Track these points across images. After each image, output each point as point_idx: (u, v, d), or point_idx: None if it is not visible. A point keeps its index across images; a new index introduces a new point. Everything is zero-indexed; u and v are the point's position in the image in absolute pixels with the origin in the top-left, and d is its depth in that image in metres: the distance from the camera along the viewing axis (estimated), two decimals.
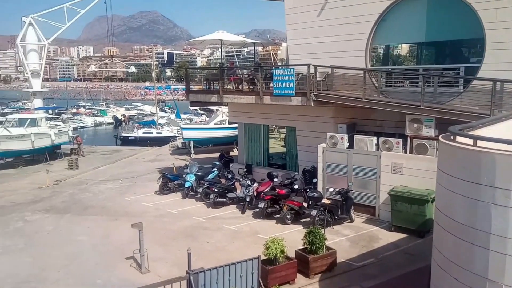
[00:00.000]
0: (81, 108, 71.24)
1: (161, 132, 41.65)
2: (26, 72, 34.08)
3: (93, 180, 21.59)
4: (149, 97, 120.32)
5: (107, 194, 18.66)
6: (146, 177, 21.65)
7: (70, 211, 16.02)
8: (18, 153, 26.76)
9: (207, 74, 20.49)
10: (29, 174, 24.02)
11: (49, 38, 36.97)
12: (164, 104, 72.98)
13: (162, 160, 27.56)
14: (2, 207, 16.97)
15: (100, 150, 33.01)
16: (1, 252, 12.02)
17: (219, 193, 15.97)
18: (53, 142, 28.40)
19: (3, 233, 13.65)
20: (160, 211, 15.74)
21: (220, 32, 19.36)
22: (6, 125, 27.46)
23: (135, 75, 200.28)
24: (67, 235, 13.38)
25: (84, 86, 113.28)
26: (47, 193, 19.11)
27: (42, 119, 28.95)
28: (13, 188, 20.69)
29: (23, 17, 34.24)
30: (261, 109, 17.97)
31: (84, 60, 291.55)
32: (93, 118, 62.19)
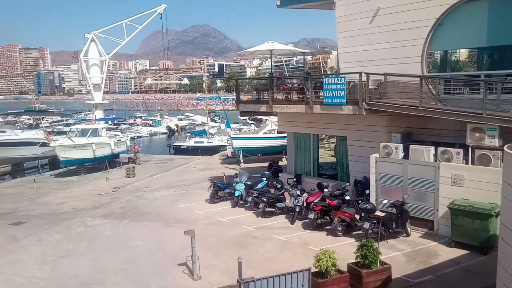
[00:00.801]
0: (137, 119, 74.73)
1: (211, 141, 42.62)
2: (88, 85, 36.43)
3: (148, 187, 22.48)
4: (200, 108, 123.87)
5: (161, 201, 19.34)
6: (197, 186, 22.19)
7: (127, 217, 16.77)
8: (81, 161, 28.56)
9: (256, 84, 20.72)
10: (90, 181, 25.50)
11: (110, 53, 39.33)
12: (214, 114, 74.69)
13: (213, 169, 28.14)
14: (65, 212, 18.13)
15: (155, 159, 34.38)
16: (65, 254, 12.80)
17: (268, 202, 15.97)
18: (113, 151, 30.04)
19: (66, 237, 14.54)
20: (210, 219, 16.03)
21: (270, 42, 19.53)
22: (70, 135, 29.47)
23: (187, 87, 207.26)
24: (124, 240, 14.00)
25: (140, 98, 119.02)
26: (107, 200, 20.17)
27: (102, 129, 30.73)
28: (76, 194, 22.06)
29: (86, 33, 36.73)
30: (311, 118, 17.81)
31: (140, 73, 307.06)
32: (148, 128, 64.96)
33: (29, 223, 16.40)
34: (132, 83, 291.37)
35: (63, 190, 23.23)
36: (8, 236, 14.71)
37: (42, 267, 11.78)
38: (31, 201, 20.71)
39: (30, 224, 16.31)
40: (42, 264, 12.03)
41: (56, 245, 13.69)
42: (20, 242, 14.06)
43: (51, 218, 17.07)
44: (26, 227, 15.92)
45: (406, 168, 13.44)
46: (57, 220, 16.63)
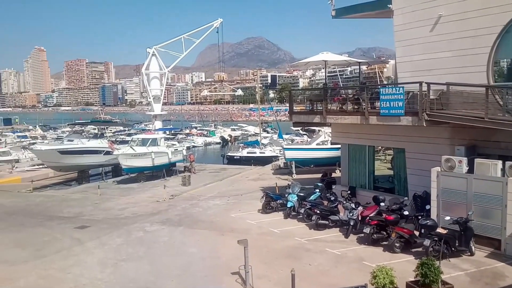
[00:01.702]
0: (193, 129, 77.16)
1: (264, 152, 42.89)
2: (149, 97, 38.39)
3: (203, 196, 23.07)
4: (253, 118, 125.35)
5: (215, 210, 19.74)
6: (250, 195, 22.39)
7: (183, 224, 17.29)
8: (141, 169, 30.00)
9: (310, 95, 20.63)
10: (149, 189, 26.67)
11: (169, 66, 41.26)
12: (267, 125, 75.20)
13: (265, 179, 28.27)
14: (126, 218, 19.08)
15: (209, 168, 35.24)
16: (125, 258, 13.44)
17: (321, 215, 15.72)
18: (170, 160, 31.29)
19: (126, 241, 15.27)
20: (263, 229, 16.07)
21: (324, 53, 19.42)
22: (131, 144, 31.11)
23: (241, 98, 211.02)
24: (180, 247, 14.43)
25: (196, 109, 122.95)
26: (164, 207, 20.96)
27: (161, 139, 32.13)
28: (136, 200, 23.16)
29: (148, 48, 38.88)
30: (366, 130, 17.36)
31: (196, 85, 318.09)
32: (203, 138, 66.79)
33: (93, 227, 17.43)
34: (188, 95, 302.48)
35: (124, 196, 24.49)
36: (74, 239, 15.72)
37: (104, 270, 12.44)
38: (95, 206, 22.04)
39: (93, 228, 17.33)
40: (103, 266, 12.71)
41: (116, 248, 14.42)
42: (85, 245, 14.97)
43: (112, 223, 18.04)
44: (90, 230, 16.93)
45: (471, 183, 12.63)
46: (118, 225, 17.54)
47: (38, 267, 12.68)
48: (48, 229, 17.30)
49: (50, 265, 12.84)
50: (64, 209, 21.37)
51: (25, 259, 13.49)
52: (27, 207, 22.10)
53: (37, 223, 18.36)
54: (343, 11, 19.06)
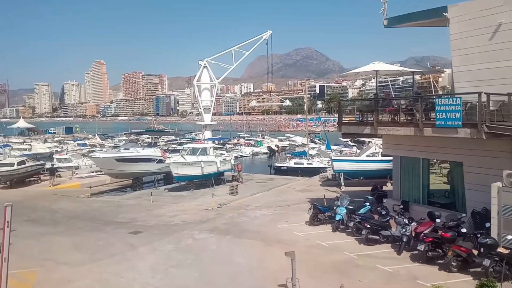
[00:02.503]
0: (241, 139, 78.17)
1: (311, 162, 42.41)
2: (200, 107, 39.44)
3: (250, 205, 23.21)
4: (300, 129, 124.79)
5: (262, 220, 19.77)
6: (297, 207, 22.20)
7: (230, 233, 17.49)
8: (190, 177, 30.80)
9: (360, 106, 20.19)
10: (198, 197, 27.30)
11: (219, 77, 42.25)
12: (314, 136, 74.47)
13: (312, 190, 27.92)
14: (176, 225, 19.63)
15: (256, 178, 35.44)
16: (175, 264, 13.80)
17: (372, 229, 15.22)
18: (218, 169, 31.86)
19: (176, 248, 15.69)
20: (310, 241, 15.84)
21: (376, 63, 18.97)
22: (182, 153, 32.07)
23: (288, 108, 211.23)
24: (228, 255, 14.59)
25: (244, 119, 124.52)
26: (212, 215, 21.34)
27: (210, 148, 32.86)
28: (185, 208, 23.78)
29: (199, 61, 40.07)
30: (420, 142, 16.67)
31: (245, 96, 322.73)
32: (251, 148, 67.42)
33: (145, 233, 18.11)
34: (237, 105, 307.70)
35: (175, 203, 25.24)
36: (127, 244, 16.40)
37: (155, 275, 12.85)
38: (147, 212, 22.91)
39: (146, 233, 18.00)
40: (155, 272, 13.13)
41: (167, 255, 14.85)
42: (137, 250, 15.57)
43: (164, 229, 18.63)
44: (143, 236, 17.59)
45: None
46: (169, 232, 18.08)
47: (94, 270, 13.35)
48: (104, 233, 18.21)
49: (105, 269, 13.48)
50: (119, 214, 22.41)
51: (82, 261, 14.26)
52: (85, 211, 23.42)
53: (94, 228, 19.38)
54: (395, 20, 18.57)
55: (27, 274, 12.75)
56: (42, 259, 14.40)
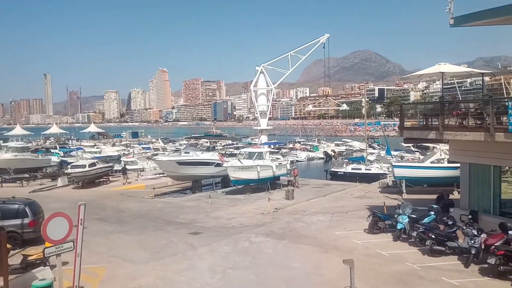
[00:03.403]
0: (296, 143, 77.87)
1: (370, 168, 41.13)
2: (256, 112, 39.98)
3: (306, 211, 23.03)
4: (358, 133, 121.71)
5: (318, 226, 19.52)
6: (355, 214, 21.65)
7: (286, 238, 17.47)
8: (247, 181, 31.24)
9: (424, 109, 19.26)
10: (254, 201, 27.58)
11: (275, 82, 42.55)
12: (373, 140, 72.19)
13: (371, 197, 27.05)
14: (233, 227, 19.99)
15: (312, 183, 35.06)
16: (232, 266, 14.06)
17: (436, 240, 14.42)
18: (274, 173, 32.00)
19: (234, 250, 15.98)
20: (369, 250, 15.36)
21: (441, 64, 18.01)
22: (239, 157, 32.63)
23: (345, 112, 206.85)
24: (284, 260, 14.58)
25: (299, 123, 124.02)
26: (268, 219, 21.46)
27: (266, 153, 33.11)
28: (242, 211, 24.13)
29: (256, 66, 40.74)
30: (491, 147, 15.51)
31: (301, 100, 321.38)
32: (306, 153, 66.91)
33: (204, 234, 18.65)
34: (292, 110, 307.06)
35: (232, 206, 25.72)
36: (187, 244, 16.99)
37: (213, 276, 13.17)
38: (206, 214, 23.57)
39: (205, 234, 18.53)
40: (213, 272, 13.46)
41: (225, 256, 15.17)
42: (197, 250, 16.06)
43: (221, 231, 19.06)
44: (202, 237, 18.12)
45: None
46: (227, 234, 18.46)
47: (157, 268, 13.99)
48: (166, 233, 19.02)
49: (167, 267, 14.07)
50: (180, 215, 23.29)
51: (146, 259, 15.00)
52: (149, 211, 24.63)
53: (157, 227, 20.32)
54: (463, 19, 17.49)
55: (97, 269, 13.66)
56: (110, 256, 15.36)
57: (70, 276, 10.53)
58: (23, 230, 16.31)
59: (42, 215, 17.40)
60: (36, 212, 17.16)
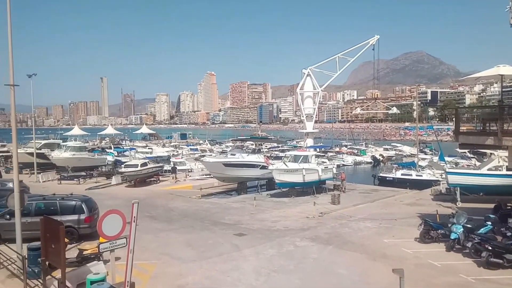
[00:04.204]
0: (343, 147, 76.38)
1: (421, 174, 39.41)
2: (302, 115, 39.75)
3: (352, 216, 22.53)
4: (408, 138, 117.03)
5: (366, 233, 19.02)
6: (405, 221, 20.87)
7: (332, 243, 17.19)
8: (292, 184, 31.11)
9: (481, 113, 18.22)
10: (299, 204, 27.39)
11: (322, 85, 42.08)
12: (425, 145, 69.20)
13: (423, 205, 25.95)
14: (278, 230, 19.97)
15: (359, 188, 34.24)
16: (277, 269, 14.05)
17: (494, 251, 13.55)
18: (320, 177, 31.63)
19: (278, 253, 15.96)
20: (420, 260, 14.74)
21: (500, 66, 16.94)
22: (284, 160, 32.59)
23: (395, 116, 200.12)
24: (329, 266, 14.36)
25: (346, 127, 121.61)
26: (313, 223, 21.23)
27: (312, 156, 32.80)
28: (287, 214, 24.06)
29: (303, 69, 40.50)
30: None
31: (348, 103, 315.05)
32: (353, 157, 65.41)
33: (249, 236, 18.80)
34: (339, 113, 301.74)
35: (277, 209, 25.73)
36: (233, 245, 17.21)
37: (258, 278, 13.24)
38: (251, 216, 23.75)
39: (249, 236, 18.68)
40: (258, 274, 13.53)
41: (269, 259, 15.20)
42: (242, 252, 16.22)
43: (266, 234, 19.12)
44: (247, 239, 18.28)
45: None
46: (271, 237, 18.48)
47: (203, 267, 14.30)
48: (212, 233, 19.40)
49: (213, 266, 14.34)
50: (226, 216, 23.65)
51: (193, 258, 15.38)
52: (196, 211, 25.25)
53: (203, 227, 20.78)
54: None
55: (147, 266, 14.20)
56: (159, 253, 15.91)
57: (122, 271, 11.03)
58: (79, 226, 17.28)
59: (97, 211, 18.37)
60: (92, 208, 18.14)
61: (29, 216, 16.24)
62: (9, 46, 13.95)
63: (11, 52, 14.03)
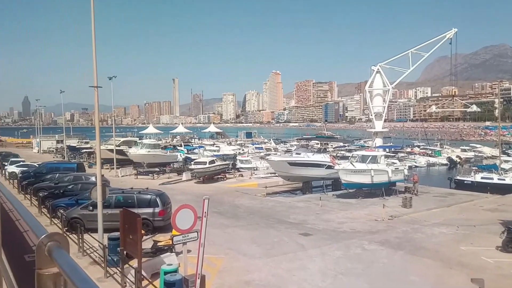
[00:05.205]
0: (415, 147, 72.48)
1: (504, 178, 36.15)
2: (371, 114, 38.41)
3: (426, 221, 21.31)
4: (489, 138, 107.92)
5: (441, 239, 17.90)
6: (485, 228, 19.29)
7: (403, 248, 16.41)
8: (359, 185, 30.22)
9: None
10: (367, 206, 26.53)
11: (393, 82, 40.28)
12: (508, 146, 63.26)
13: (506, 211, 23.78)
14: (344, 232, 19.53)
15: (434, 191, 32.31)
16: (344, 272, 13.74)
17: None
18: (390, 178, 30.33)
19: (345, 255, 15.60)
20: (503, 270, 13.55)
21: None
22: (351, 160, 31.74)
23: (474, 114, 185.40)
24: (400, 272, 13.74)
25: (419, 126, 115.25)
26: (382, 226, 20.44)
27: (381, 156, 31.57)
28: (354, 216, 23.43)
29: (372, 66, 39.05)
30: None
31: (421, 101, 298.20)
32: (426, 158, 61.81)
33: (314, 236, 18.60)
34: (411, 111, 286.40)
35: (343, 210, 25.16)
36: (298, 244, 17.16)
37: (324, 279, 13.05)
38: (316, 216, 23.48)
39: (315, 237, 18.48)
40: (324, 276, 13.34)
41: (336, 261, 14.91)
42: (307, 252, 16.10)
43: (332, 235, 18.79)
44: (312, 239, 18.11)
45: None
46: (337, 238, 18.13)
47: (269, 265, 14.42)
48: (277, 231, 19.50)
49: (278, 265, 14.42)
50: (291, 215, 23.64)
51: (259, 255, 15.59)
52: (261, 209, 25.55)
53: (268, 225, 20.97)
54: None
55: (215, 260, 14.67)
56: (226, 248, 16.35)
57: (192, 264, 11.51)
58: (153, 218, 18.32)
59: (170, 205, 19.36)
60: (165, 202, 19.15)
61: (109, 208, 17.54)
62: (93, 52, 15.23)
63: (95, 57, 15.30)
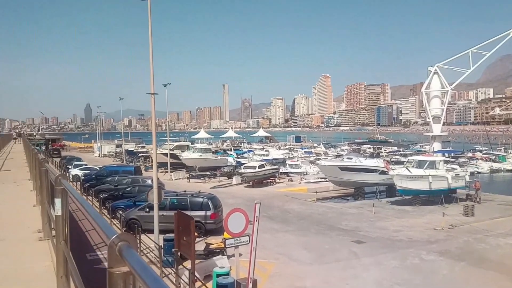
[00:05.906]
0: (477, 152, 68.07)
1: None
2: (428, 117, 36.59)
3: (490, 230, 19.87)
4: None
5: (506, 250, 16.62)
6: None
7: (465, 259, 15.41)
8: (416, 192, 28.83)
9: None
10: (425, 214, 25.24)
11: (451, 83, 38.14)
12: None
13: None
14: (400, 241, 18.69)
15: (498, 199, 30.08)
16: (400, 282, 13.14)
17: None
18: (449, 185, 28.69)
19: (402, 266, 14.92)
20: None
21: None
22: (407, 165, 30.38)
23: None
24: (461, 284, 12.94)
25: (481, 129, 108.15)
26: (442, 236, 19.33)
27: (440, 162, 29.93)
28: (410, 224, 22.37)
29: (429, 67, 37.21)
30: None
31: (482, 102, 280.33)
32: (489, 164, 57.84)
33: (368, 244, 17.99)
34: (471, 114, 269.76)
35: (398, 218, 24.13)
36: (351, 252, 16.67)
37: None
38: (369, 223, 22.71)
39: (368, 244, 17.86)
40: (379, 286, 12.85)
41: (392, 271, 14.30)
42: (361, 260, 15.59)
43: (387, 243, 18.05)
44: (366, 247, 17.52)
45: None
46: (393, 247, 17.39)
47: (321, 272, 14.14)
48: (328, 238, 19.10)
49: (330, 272, 14.09)
50: (342, 221, 23.07)
51: (310, 261, 15.34)
52: (311, 214, 25.18)
53: (319, 231, 20.60)
54: None
55: (266, 264, 14.64)
56: (277, 253, 16.26)
57: (243, 267, 11.55)
58: (205, 221, 18.67)
59: (221, 209, 19.65)
60: (217, 206, 19.46)
61: (164, 210, 18.13)
62: (150, 61, 15.88)
63: (152, 65, 15.95)
